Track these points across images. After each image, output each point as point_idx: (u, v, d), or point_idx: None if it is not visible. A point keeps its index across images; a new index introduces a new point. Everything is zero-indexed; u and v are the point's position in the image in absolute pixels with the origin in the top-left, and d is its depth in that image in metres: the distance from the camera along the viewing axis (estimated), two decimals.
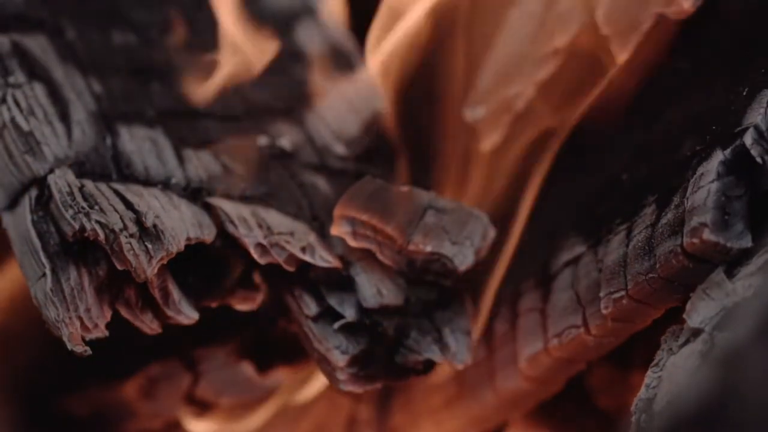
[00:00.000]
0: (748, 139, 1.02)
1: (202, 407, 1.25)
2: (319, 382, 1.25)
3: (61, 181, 1.09)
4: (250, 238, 1.11)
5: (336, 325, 1.12)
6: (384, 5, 1.26)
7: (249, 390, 1.23)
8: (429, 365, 1.14)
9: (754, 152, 1.01)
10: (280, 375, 1.22)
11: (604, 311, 1.09)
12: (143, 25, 1.23)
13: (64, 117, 1.14)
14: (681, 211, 1.04)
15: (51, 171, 1.10)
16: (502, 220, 1.20)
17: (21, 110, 1.13)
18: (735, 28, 1.11)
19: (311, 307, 1.13)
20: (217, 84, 1.20)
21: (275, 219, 1.14)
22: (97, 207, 1.08)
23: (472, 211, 1.15)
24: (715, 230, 1.01)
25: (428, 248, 1.12)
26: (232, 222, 1.11)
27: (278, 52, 1.24)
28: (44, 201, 1.09)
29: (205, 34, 1.24)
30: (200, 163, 1.16)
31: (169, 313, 1.09)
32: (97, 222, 1.07)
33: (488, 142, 1.25)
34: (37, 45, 1.17)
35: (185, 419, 1.24)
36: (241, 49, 1.22)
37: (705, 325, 1.00)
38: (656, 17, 1.15)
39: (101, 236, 1.07)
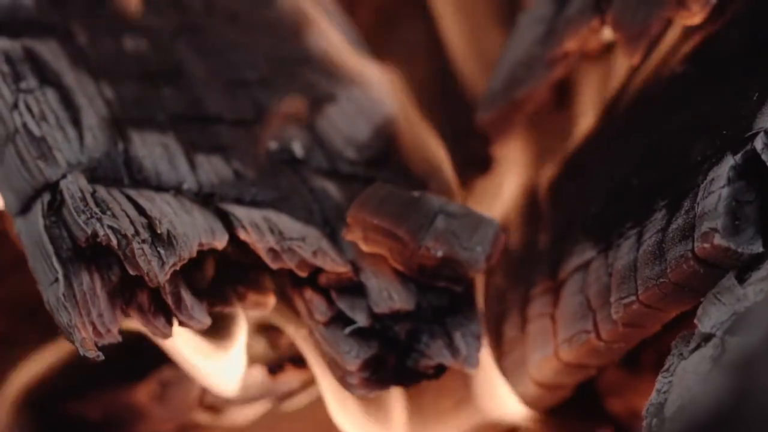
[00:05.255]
0: (759, 143, 1.02)
1: (214, 411, 1.25)
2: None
3: (74, 186, 1.10)
4: (262, 244, 1.11)
5: (347, 330, 1.13)
6: None
7: (260, 394, 1.23)
8: (440, 369, 1.14)
9: (764, 157, 1.01)
10: (291, 378, 1.22)
11: (614, 316, 1.09)
12: (154, 30, 1.23)
13: (76, 122, 1.14)
14: (692, 216, 1.04)
15: (63, 176, 1.10)
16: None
17: (33, 116, 1.13)
18: (745, 33, 1.12)
19: (322, 312, 1.13)
20: None
21: (287, 224, 1.14)
22: (109, 212, 1.08)
23: (482, 216, 1.15)
24: (725, 235, 1.01)
25: (439, 253, 1.12)
26: (243, 227, 1.11)
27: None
28: (57, 206, 1.09)
29: (216, 40, 1.24)
30: (212, 168, 1.16)
31: (182, 318, 1.09)
32: (110, 227, 1.07)
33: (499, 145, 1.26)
34: (49, 50, 1.18)
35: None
36: None
37: (716, 329, 1.00)
38: (666, 21, 1.15)
39: (114, 242, 1.07)
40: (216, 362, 1.16)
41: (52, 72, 1.16)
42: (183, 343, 1.15)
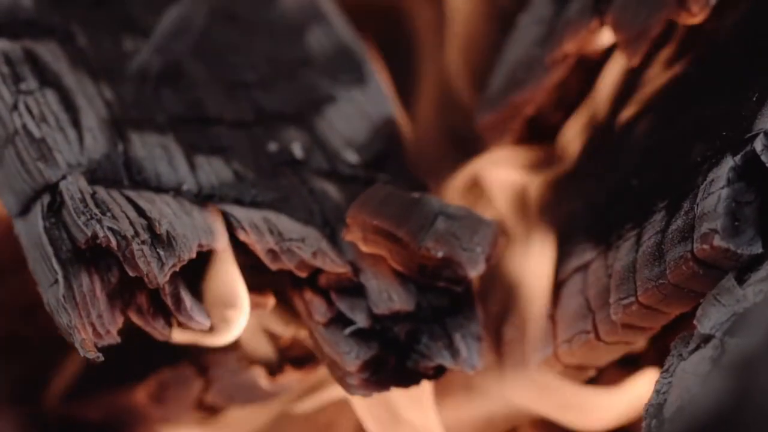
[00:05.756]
0: (759, 144, 1.02)
1: (213, 412, 1.25)
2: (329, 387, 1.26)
3: (74, 187, 1.10)
4: (262, 244, 1.11)
5: (347, 331, 1.13)
6: None
7: (259, 395, 1.23)
8: (440, 371, 1.14)
9: (764, 158, 1.01)
10: (291, 380, 1.22)
11: (613, 317, 1.09)
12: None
13: (76, 123, 1.14)
14: (691, 217, 1.04)
15: (63, 177, 1.11)
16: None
17: (33, 117, 1.14)
18: (745, 33, 1.12)
19: (322, 313, 1.13)
20: None
21: (286, 225, 1.14)
22: (109, 214, 1.08)
23: (482, 217, 1.15)
24: (725, 236, 1.01)
25: (439, 254, 1.12)
26: (243, 228, 1.12)
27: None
28: (56, 208, 1.10)
29: (216, 42, 1.24)
30: (211, 170, 1.16)
31: (181, 319, 1.09)
32: (110, 229, 1.07)
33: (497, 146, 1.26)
34: (49, 51, 1.18)
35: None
36: None
37: (716, 330, 1.00)
38: (666, 23, 1.15)
39: (113, 243, 1.07)
40: None
41: (51, 73, 1.17)
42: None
